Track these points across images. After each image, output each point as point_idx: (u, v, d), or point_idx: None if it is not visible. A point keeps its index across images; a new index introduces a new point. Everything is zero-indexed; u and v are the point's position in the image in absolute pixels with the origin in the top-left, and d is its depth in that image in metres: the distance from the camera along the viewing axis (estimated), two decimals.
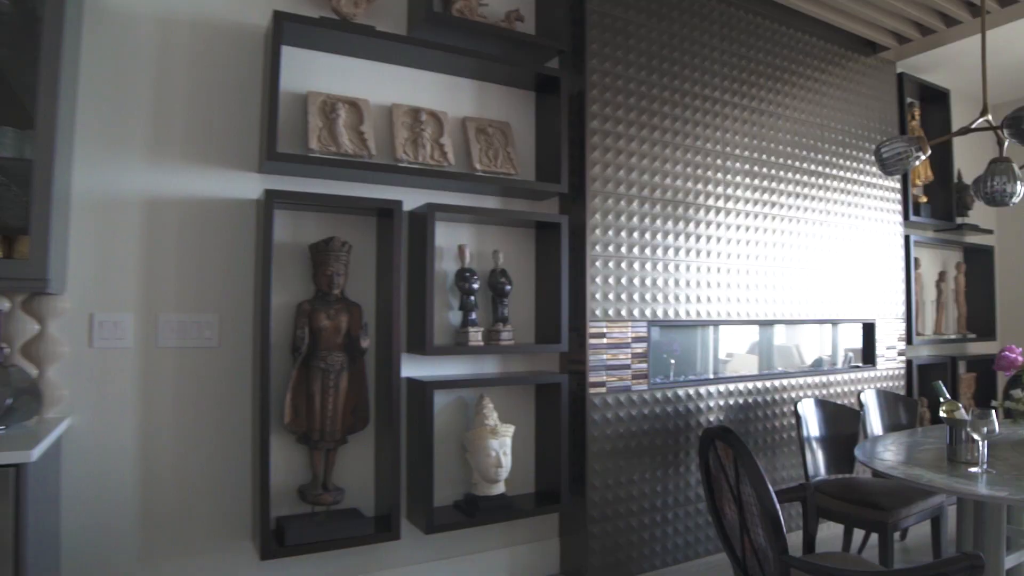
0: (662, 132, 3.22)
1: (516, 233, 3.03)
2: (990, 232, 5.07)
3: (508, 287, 2.84)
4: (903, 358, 4.31)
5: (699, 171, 3.35)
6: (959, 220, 4.79)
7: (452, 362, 2.85)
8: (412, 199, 2.74)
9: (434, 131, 2.75)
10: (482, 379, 2.72)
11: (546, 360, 3.11)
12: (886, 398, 3.46)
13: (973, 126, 2.60)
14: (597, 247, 3.00)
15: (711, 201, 3.39)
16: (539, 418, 3.02)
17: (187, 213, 2.38)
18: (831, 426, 3.13)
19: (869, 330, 4.15)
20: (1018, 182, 2.55)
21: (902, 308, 4.32)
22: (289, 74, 2.50)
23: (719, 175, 3.43)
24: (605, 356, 3.02)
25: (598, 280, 3.00)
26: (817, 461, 3.02)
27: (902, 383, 4.29)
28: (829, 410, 3.16)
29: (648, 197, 3.17)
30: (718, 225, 3.42)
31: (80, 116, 2.21)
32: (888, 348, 4.22)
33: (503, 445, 2.70)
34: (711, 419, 3.35)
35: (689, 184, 3.31)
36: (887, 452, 2.56)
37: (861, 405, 3.33)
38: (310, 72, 2.58)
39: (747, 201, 3.54)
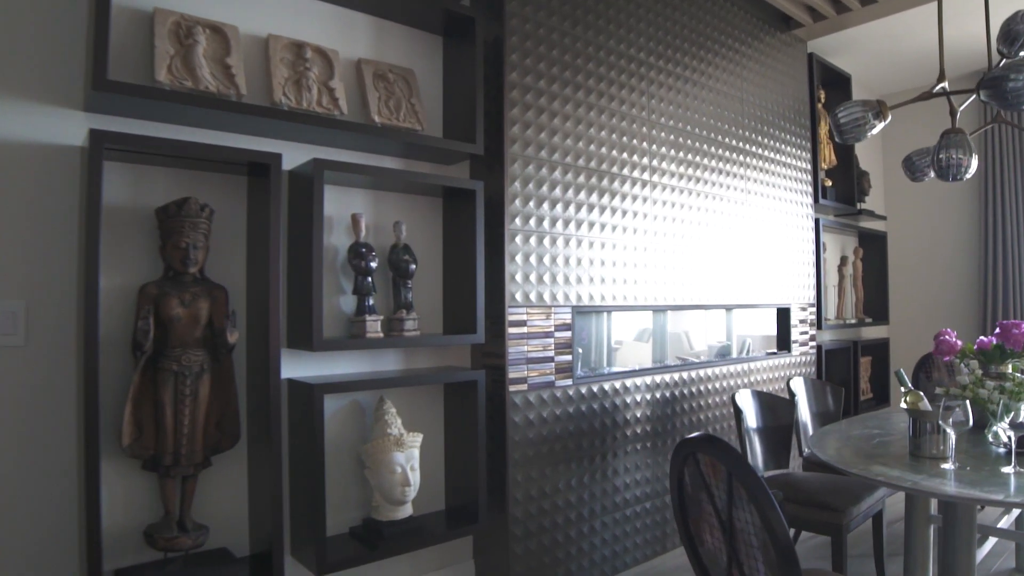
0: (586, 92, 2.84)
1: (422, 202, 2.55)
2: (884, 218, 5.13)
3: (412, 266, 2.36)
4: (814, 343, 4.22)
5: (624, 139, 3.01)
6: (859, 206, 4.80)
7: (345, 359, 2.33)
8: (294, 154, 2.20)
9: (322, 72, 2.22)
10: (382, 379, 2.22)
11: (457, 354, 2.65)
12: (814, 386, 3.28)
13: (934, 91, 2.41)
14: (517, 220, 2.57)
15: (636, 173, 3.06)
16: (450, 422, 2.57)
17: None
18: (767, 418, 2.89)
19: (784, 315, 4.01)
20: (973, 154, 2.37)
21: (812, 292, 4.22)
22: None
23: (644, 144, 3.11)
24: (526, 348, 2.60)
25: (518, 259, 2.57)
26: (756, 456, 2.77)
27: (813, 369, 4.19)
28: (765, 401, 2.92)
29: (572, 165, 2.78)
30: (644, 200, 3.09)
31: None
32: (802, 333, 4.10)
33: (410, 458, 2.22)
34: (638, 415, 3.02)
35: (614, 153, 2.96)
36: (839, 447, 2.32)
37: (791, 394, 3.12)
38: None
39: (672, 175, 3.24)
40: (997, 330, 2.63)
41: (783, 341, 4.00)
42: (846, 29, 4.21)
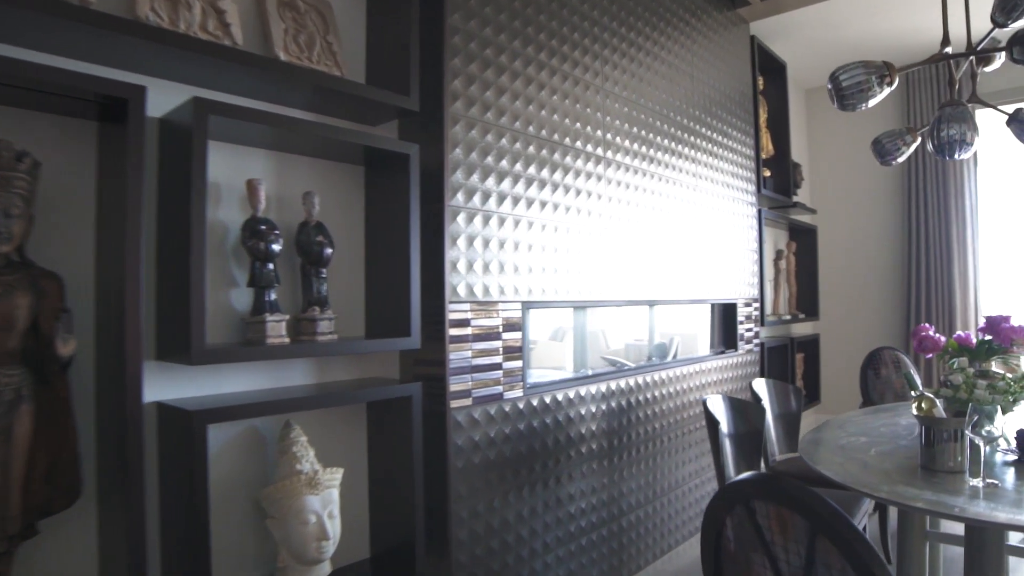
0: (537, 48, 2.39)
1: (340, 170, 2.01)
2: (814, 212, 5.00)
3: (328, 250, 1.83)
4: (758, 341, 3.97)
5: (578, 106, 2.58)
6: (794, 199, 4.63)
7: (238, 373, 1.76)
8: (165, 94, 1.61)
9: None
10: (288, 398, 1.67)
11: (383, 363, 2.13)
12: (776, 387, 2.99)
13: (943, 52, 2.12)
14: (459, 195, 2.09)
15: (590, 147, 2.64)
16: (376, 450, 2.04)
17: None
18: (738, 424, 2.54)
19: (730, 311, 3.72)
20: (976, 129, 2.11)
21: (756, 287, 3.97)
22: None
23: (598, 115, 2.69)
24: (470, 353, 2.12)
25: (460, 243, 2.09)
26: (729, 469, 2.41)
27: (758, 368, 3.94)
28: (736, 406, 2.57)
29: (522, 132, 2.32)
30: (598, 178, 2.68)
31: None
32: (747, 330, 3.83)
33: (328, 503, 1.69)
34: (593, 428, 2.61)
35: (567, 122, 2.53)
36: (841, 461, 1.98)
37: (756, 396, 2.81)
38: None
39: (627, 152, 2.85)
40: (983, 324, 2.40)
41: (730, 339, 3.71)
42: (787, 12, 4.01)
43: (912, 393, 1.96)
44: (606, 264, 2.71)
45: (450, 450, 2.03)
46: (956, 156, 2.15)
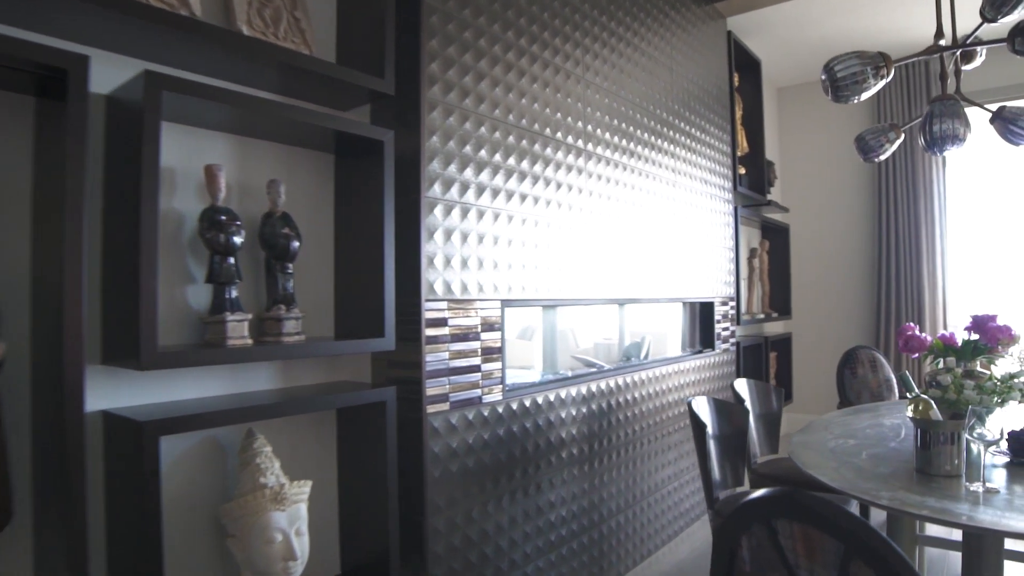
0: (518, 33, 2.28)
1: (308, 158, 1.86)
2: (787, 210, 4.98)
3: (295, 244, 1.69)
4: (734, 340, 3.92)
5: (559, 96, 2.47)
6: (768, 197, 4.60)
7: (195, 377, 1.60)
8: (114, 68, 1.45)
9: None
10: (251, 405, 1.53)
11: (353, 366, 1.99)
12: (757, 387, 2.93)
13: (938, 44, 2.07)
14: (436, 186, 1.96)
15: (571, 139, 2.53)
16: (347, 460, 1.90)
17: None
18: (723, 426, 2.47)
19: (708, 310, 3.66)
20: (968, 125, 2.06)
21: (732, 286, 3.92)
22: None
23: (579, 105, 2.59)
24: (447, 355, 2.00)
25: (438, 237, 1.96)
26: (714, 472, 2.33)
27: (734, 368, 3.89)
28: (721, 408, 2.50)
29: (502, 121, 2.20)
30: (579, 171, 2.57)
31: None
32: (724, 329, 3.78)
33: (295, 519, 1.54)
34: (573, 432, 2.50)
35: (548, 111, 2.41)
36: (836, 466, 1.91)
37: (739, 397, 2.74)
38: None
39: (608, 146, 2.75)
40: (970, 323, 2.36)
41: (707, 338, 3.65)
42: (762, 8, 3.96)
43: (908, 395, 1.89)
44: (585, 261, 2.61)
45: (427, 458, 1.90)
46: (947, 151, 2.10)
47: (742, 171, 4.30)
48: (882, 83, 1.97)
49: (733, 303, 3.90)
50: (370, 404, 1.79)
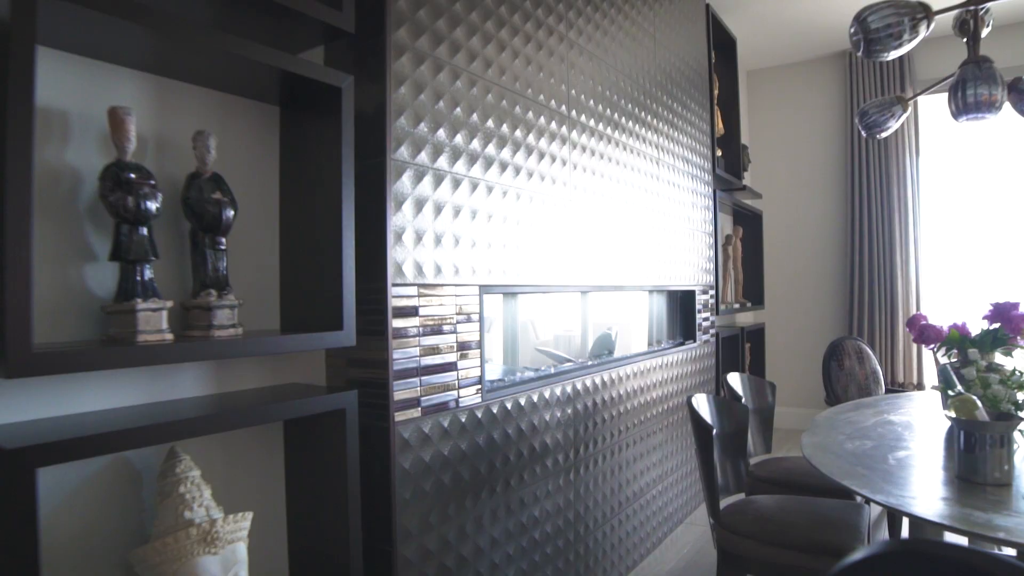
0: None
1: (246, 108, 1.51)
2: (760, 196, 4.80)
3: (229, 212, 1.33)
4: (714, 331, 3.69)
5: (541, 53, 2.16)
6: (743, 182, 4.39)
7: (98, 384, 1.24)
8: None
9: None
10: (171, 420, 1.17)
11: (304, 365, 1.64)
12: (751, 381, 2.69)
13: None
14: (404, 148, 1.62)
15: (554, 103, 2.22)
16: (297, 481, 1.56)
17: None
18: (725, 425, 2.22)
19: (689, 299, 3.42)
20: (1004, 86, 1.84)
21: (712, 274, 3.69)
22: None
23: (563, 67, 2.28)
24: (417, 351, 1.67)
25: (407, 209, 1.63)
26: (716, 480, 2.07)
27: (714, 361, 3.66)
28: (722, 407, 2.24)
29: (480, 76, 1.88)
30: (562, 141, 2.27)
31: None
32: (704, 320, 3.54)
33: (230, 563, 1.20)
34: (559, 437, 2.21)
35: (530, 69, 2.10)
36: (865, 472, 1.67)
37: (736, 394, 2.49)
38: None
39: (592, 114, 2.46)
40: (990, 311, 2.16)
41: (688, 329, 3.40)
42: None
43: (949, 393, 1.66)
44: (570, 244, 2.31)
45: (395, 475, 1.57)
46: (981, 119, 1.88)
47: (719, 153, 4.08)
48: (918, 39, 1.73)
49: (713, 292, 3.67)
50: (326, 413, 1.44)
